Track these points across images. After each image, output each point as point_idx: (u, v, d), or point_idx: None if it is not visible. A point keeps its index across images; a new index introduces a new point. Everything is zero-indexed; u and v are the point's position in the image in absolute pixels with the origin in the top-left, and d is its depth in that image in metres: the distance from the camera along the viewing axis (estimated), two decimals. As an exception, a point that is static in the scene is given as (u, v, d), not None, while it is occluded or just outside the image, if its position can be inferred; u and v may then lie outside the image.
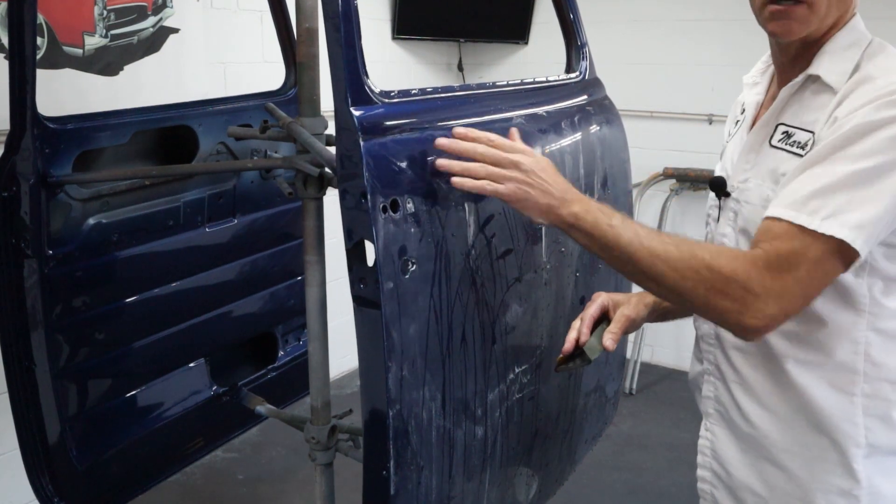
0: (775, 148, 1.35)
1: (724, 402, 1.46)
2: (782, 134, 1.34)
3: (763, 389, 1.38)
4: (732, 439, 1.45)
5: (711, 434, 1.50)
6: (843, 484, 1.32)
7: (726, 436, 1.47)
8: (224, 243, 2.39)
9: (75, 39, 2.77)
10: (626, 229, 1.25)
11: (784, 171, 1.29)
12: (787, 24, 1.31)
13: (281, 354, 2.67)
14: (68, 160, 1.96)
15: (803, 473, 1.35)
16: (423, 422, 1.40)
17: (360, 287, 1.32)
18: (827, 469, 1.33)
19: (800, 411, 1.34)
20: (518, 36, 4.55)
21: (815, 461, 1.34)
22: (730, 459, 1.46)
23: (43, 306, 1.95)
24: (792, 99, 1.36)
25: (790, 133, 1.33)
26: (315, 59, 1.71)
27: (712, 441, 1.50)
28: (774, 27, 1.34)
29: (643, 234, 1.25)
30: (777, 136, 1.36)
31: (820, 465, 1.33)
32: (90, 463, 2.12)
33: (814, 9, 1.29)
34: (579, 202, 1.29)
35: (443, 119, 1.52)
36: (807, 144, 1.28)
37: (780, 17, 1.32)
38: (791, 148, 1.31)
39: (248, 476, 3.36)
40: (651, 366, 4.46)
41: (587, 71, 2.10)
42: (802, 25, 1.31)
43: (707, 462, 1.52)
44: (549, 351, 1.79)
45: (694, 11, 4.06)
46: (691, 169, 4.13)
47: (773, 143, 1.36)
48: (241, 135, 1.84)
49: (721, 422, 1.48)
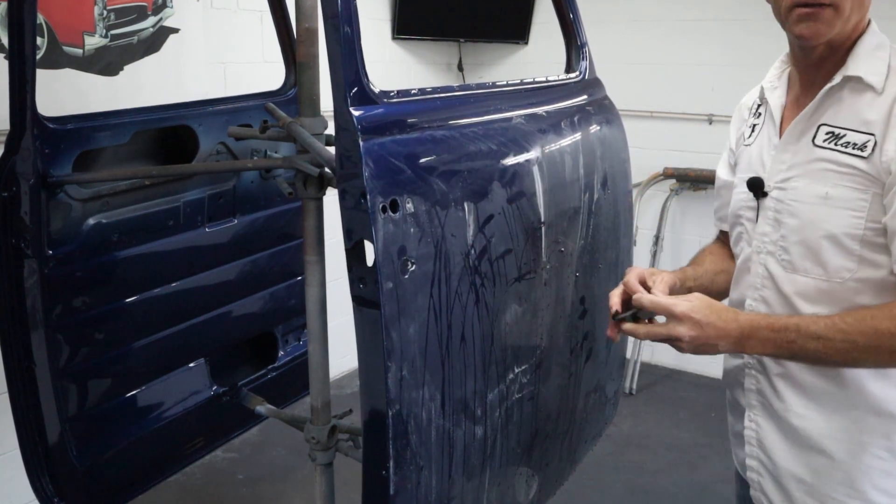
0: (821, 147, 1.38)
1: (767, 394, 1.51)
2: (827, 134, 1.38)
3: (808, 380, 1.43)
4: (776, 429, 1.50)
5: (756, 425, 1.55)
6: (887, 466, 1.39)
7: (770, 426, 1.51)
8: (224, 243, 2.39)
9: (75, 39, 2.77)
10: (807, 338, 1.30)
11: (847, 170, 1.33)
12: (815, 26, 1.35)
13: (281, 354, 2.67)
14: (68, 160, 1.96)
15: (848, 458, 1.40)
16: (423, 422, 1.40)
17: (360, 287, 1.32)
18: (872, 453, 1.39)
19: (845, 400, 1.39)
20: (518, 36, 4.55)
21: (861, 446, 1.39)
22: (774, 448, 1.50)
23: (43, 306, 1.95)
24: (831, 97, 1.40)
25: (838, 133, 1.37)
26: (315, 59, 1.71)
27: (757, 431, 1.55)
28: (803, 30, 1.37)
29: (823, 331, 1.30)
30: (821, 137, 1.39)
31: (865, 450, 1.39)
32: (90, 463, 2.12)
33: (839, 11, 1.34)
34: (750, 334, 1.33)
35: (443, 119, 1.52)
36: (866, 146, 1.33)
37: (807, 20, 1.35)
38: (845, 149, 1.35)
39: (248, 476, 3.36)
40: (651, 366, 4.46)
41: (587, 71, 2.10)
42: (829, 28, 1.35)
43: (754, 452, 1.57)
44: (548, 351, 1.79)
45: (694, 11, 4.05)
46: (691, 169, 4.13)
47: (816, 142, 1.39)
48: (241, 135, 1.84)
49: (764, 413, 1.52)
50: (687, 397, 4.15)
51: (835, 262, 1.37)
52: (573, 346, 1.93)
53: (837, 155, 1.36)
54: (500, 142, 1.61)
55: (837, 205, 1.36)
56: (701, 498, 3.28)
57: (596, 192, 1.93)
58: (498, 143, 1.60)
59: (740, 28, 3.91)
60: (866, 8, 1.40)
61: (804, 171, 1.41)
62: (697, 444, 3.70)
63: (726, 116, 3.98)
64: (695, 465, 3.50)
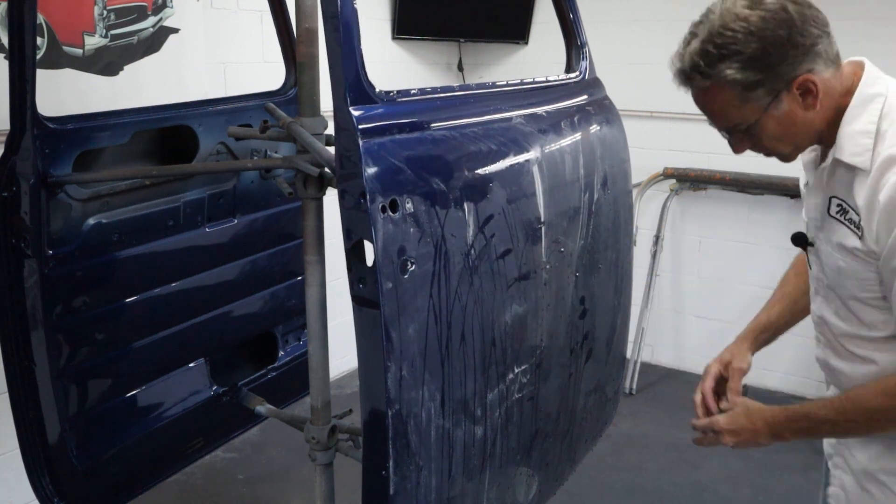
0: (834, 219, 1.44)
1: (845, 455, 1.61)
2: (837, 206, 1.44)
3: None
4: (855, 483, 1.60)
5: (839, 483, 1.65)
6: None
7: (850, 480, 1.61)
8: (224, 243, 2.39)
9: (75, 39, 2.77)
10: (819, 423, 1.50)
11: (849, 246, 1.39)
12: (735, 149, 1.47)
13: (281, 354, 2.67)
14: (68, 160, 1.96)
15: None
16: (423, 422, 1.40)
17: (360, 287, 1.32)
18: None
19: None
20: (518, 36, 4.55)
21: None
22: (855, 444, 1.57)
23: (43, 306, 1.95)
24: (835, 173, 1.43)
25: (844, 208, 1.41)
26: (315, 59, 1.71)
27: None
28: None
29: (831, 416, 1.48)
30: (833, 208, 1.44)
31: None
32: (90, 463, 2.12)
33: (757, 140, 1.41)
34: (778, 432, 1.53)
35: (443, 119, 1.52)
36: (860, 224, 1.37)
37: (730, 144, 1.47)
38: (849, 225, 1.40)
39: (248, 476, 3.36)
40: (651, 366, 4.46)
41: (587, 71, 2.10)
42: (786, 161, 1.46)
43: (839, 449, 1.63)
44: (548, 351, 1.79)
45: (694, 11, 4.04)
46: (691, 169, 4.13)
47: (830, 213, 1.44)
48: (241, 135, 1.84)
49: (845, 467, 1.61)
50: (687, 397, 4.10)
51: (868, 317, 1.45)
52: (573, 346, 1.93)
53: (844, 230, 1.40)
54: (500, 142, 1.61)
55: (851, 275, 1.42)
56: (701, 498, 3.28)
57: (596, 192, 1.93)
58: (498, 143, 1.60)
59: (740, 28, 3.91)
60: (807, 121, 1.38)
61: (825, 238, 1.47)
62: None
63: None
64: (695, 465, 3.49)
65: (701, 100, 1.42)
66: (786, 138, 1.41)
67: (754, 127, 1.39)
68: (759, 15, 1.32)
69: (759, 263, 4.04)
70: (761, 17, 1.32)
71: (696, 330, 4.36)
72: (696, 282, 4.34)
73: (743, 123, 1.39)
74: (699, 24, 1.41)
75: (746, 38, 1.32)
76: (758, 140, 1.41)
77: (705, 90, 1.38)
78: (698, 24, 1.41)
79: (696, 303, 4.34)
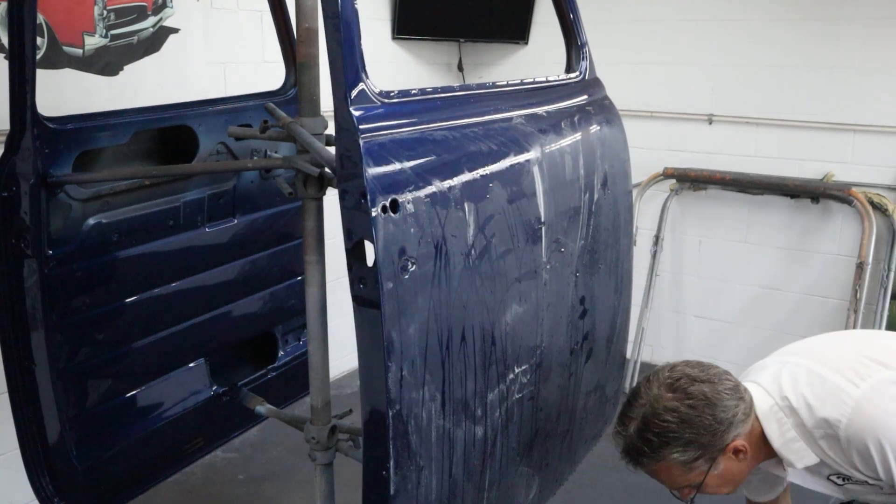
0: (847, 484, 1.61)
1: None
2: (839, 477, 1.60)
3: None
4: None
5: None
6: None
7: None
8: (224, 243, 2.39)
9: (75, 39, 2.77)
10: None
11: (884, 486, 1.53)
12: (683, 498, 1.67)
13: (281, 354, 2.67)
14: (68, 160, 1.96)
15: None
16: (423, 422, 1.40)
17: (360, 287, 1.32)
18: None
19: None
20: (518, 36, 4.55)
21: None
22: None
23: (43, 306, 1.94)
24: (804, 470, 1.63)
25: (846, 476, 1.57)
26: (315, 59, 1.71)
27: None
28: None
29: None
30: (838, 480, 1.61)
31: None
32: (90, 463, 2.12)
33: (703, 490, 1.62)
34: None
35: (443, 119, 1.52)
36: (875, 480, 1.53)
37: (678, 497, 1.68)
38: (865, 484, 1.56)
39: (248, 476, 3.36)
40: (651, 366, 4.44)
41: (587, 71, 2.10)
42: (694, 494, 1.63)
43: None
44: (548, 351, 1.79)
45: (694, 11, 4.05)
46: (691, 169, 4.13)
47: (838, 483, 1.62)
48: (241, 135, 1.84)
49: None
50: (687, 397, 4.15)
51: None
52: (573, 346, 1.93)
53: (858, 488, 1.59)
54: (501, 142, 1.61)
55: None
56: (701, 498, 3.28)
57: (596, 192, 1.93)
58: (498, 144, 1.60)
59: (740, 28, 3.91)
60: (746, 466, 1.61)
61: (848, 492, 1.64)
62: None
63: (726, 116, 4.00)
64: (695, 465, 3.49)
65: (651, 473, 1.63)
66: (727, 484, 1.63)
67: (699, 485, 1.61)
68: (687, 404, 1.53)
69: (759, 263, 4.04)
70: (689, 406, 1.53)
71: (696, 330, 4.36)
72: (696, 282, 4.34)
73: (689, 484, 1.61)
74: (630, 406, 1.60)
75: (680, 426, 1.52)
76: (703, 490, 1.63)
77: (654, 469, 1.61)
78: (629, 406, 1.60)
79: (696, 303, 4.33)
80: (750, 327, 4.08)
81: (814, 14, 3.63)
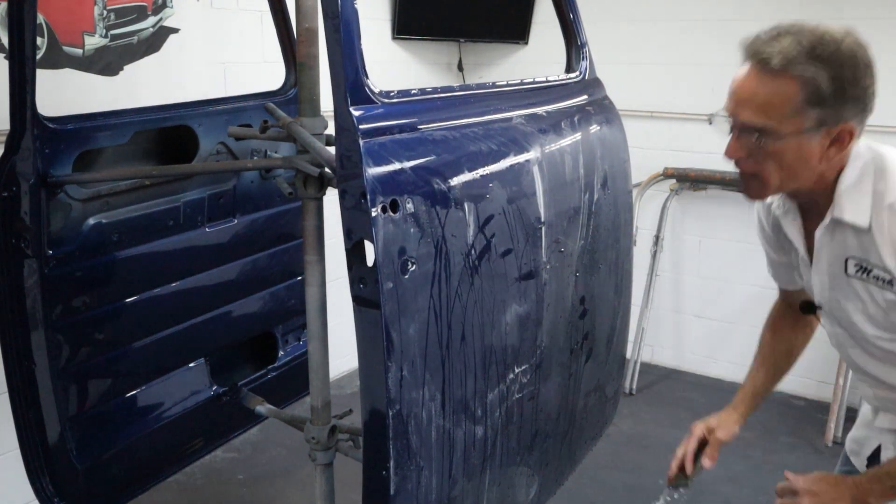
0: (855, 278, 1.44)
1: None
2: (856, 266, 1.42)
3: None
4: None
5: None
6: None
7: None
8: (224, 243, 2.39)
9: (75, 39, 2.77)
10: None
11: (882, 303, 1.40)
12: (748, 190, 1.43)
13: (281, 354, 2.67)
14: (68, 160, 1.96)
15: None
16: (423, 422, 1.40)
17: (360, 287, 1.32)
18: None
19: None
20: (518, 36, 4.55)
21: None
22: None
23: (43, 306, 1.95)
24: (836, 234, 1.43)
25: (865, 267, 1.40)
26: (315, 59, 1.71)
27: None
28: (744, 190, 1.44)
29: None
30: (852, 268, 1.43)
31: None
32: (90, 463, 2.12)
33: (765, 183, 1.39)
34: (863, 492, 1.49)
35: (443, 119, 1.52)
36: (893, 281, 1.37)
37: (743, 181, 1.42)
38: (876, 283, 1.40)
39: (248, 476, 3.36)
40: (651, 366, 4.45)
41: (587, 71, 2.10)
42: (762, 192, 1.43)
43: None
44: (548, 351, 1.79)
45: (694, 11, 4.05)
46: (691, 169, 4.13)
47: (849, 273, 1.43)
48: (241, 135, 1.84)
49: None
50: (687, 397, 4.14)
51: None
52: (573, 346, 1.93)
53: (872, 288, 1.41)
54: (501, 142, 1.61)
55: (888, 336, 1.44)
56: (701, 498, 3.28)
57: (596, 192, 1.93)
58: (498, 144, 1.60)
59: (740, 28, 3.88)
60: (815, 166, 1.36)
61: (845, 295, 1.47)
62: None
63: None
64: (694, 465, 3.49)
65: (754, 82, 1.33)
66: (787, 170, 1.35)
67: (775, 142, 1.32)
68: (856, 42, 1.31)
69: (759, 263, 4.00)
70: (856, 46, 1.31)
71: (696, 330, 4.36)
72: (696, 282, 4.34)
73: (770, 130, 1.32)
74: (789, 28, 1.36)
75: (841, 58, 1.29)
76: (762, 156, 1.34)
77: (773, 75, 1.30)
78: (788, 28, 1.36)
79: (696, 303, 4.33)
80: (750, 327, 4.07)
81: (814, 14, 3.63)
